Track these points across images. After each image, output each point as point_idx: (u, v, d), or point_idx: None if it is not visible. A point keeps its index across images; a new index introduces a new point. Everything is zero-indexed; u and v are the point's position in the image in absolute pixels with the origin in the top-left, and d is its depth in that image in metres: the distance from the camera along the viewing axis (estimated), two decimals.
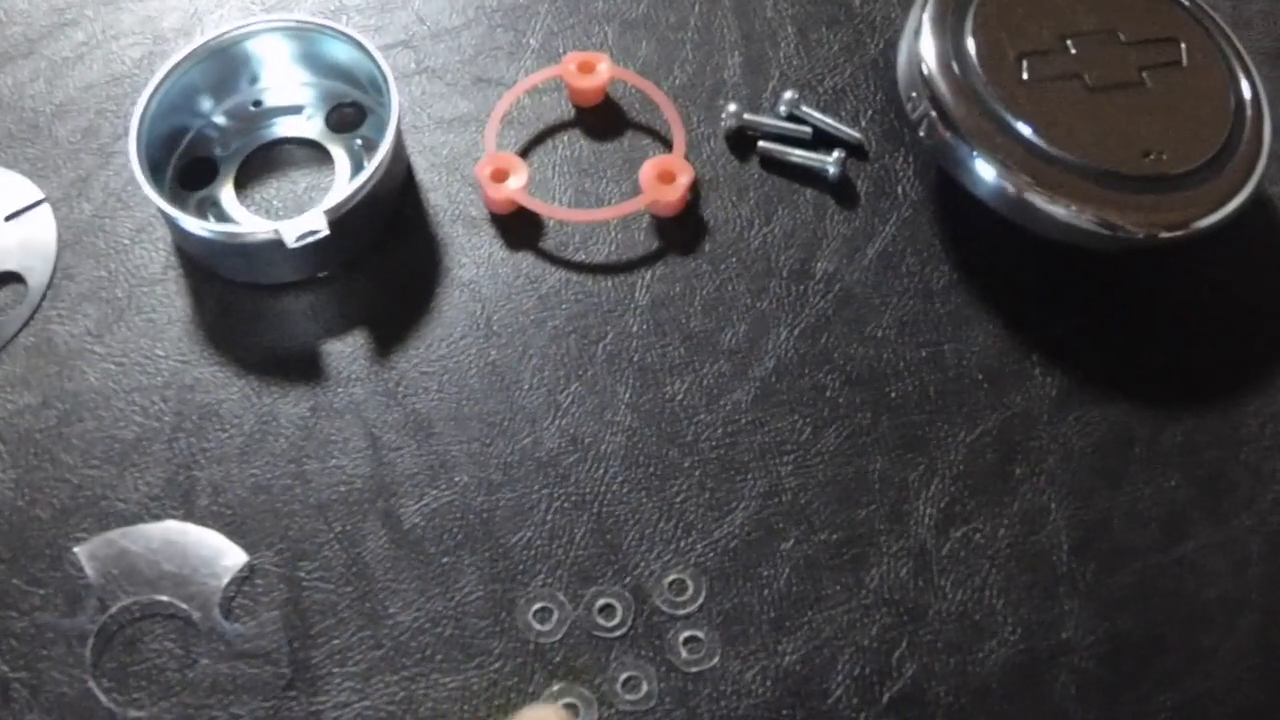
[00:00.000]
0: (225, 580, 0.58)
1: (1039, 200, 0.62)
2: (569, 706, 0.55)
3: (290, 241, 0.62)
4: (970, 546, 0.59)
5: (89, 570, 0.58)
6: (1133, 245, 0.63)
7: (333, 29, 0.68)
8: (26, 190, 0.71)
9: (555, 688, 0.56)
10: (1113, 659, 0.56)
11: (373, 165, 0.64)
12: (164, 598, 0.58)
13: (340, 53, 0.70)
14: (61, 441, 0.62)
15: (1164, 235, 0.62)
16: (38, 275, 0.68)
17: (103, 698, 0.56)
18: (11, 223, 0.69)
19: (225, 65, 0.70)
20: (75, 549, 0.59)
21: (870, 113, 0.72)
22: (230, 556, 0.59)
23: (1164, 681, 0.56)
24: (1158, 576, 0.59)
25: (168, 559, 0.59)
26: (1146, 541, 0.59)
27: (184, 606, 0.58)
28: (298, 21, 0.69)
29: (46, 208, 0.70)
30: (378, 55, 0.67)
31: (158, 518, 0.60)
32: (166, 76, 0.67)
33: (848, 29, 0.75)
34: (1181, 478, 0.61)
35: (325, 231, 0.62)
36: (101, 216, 0.69)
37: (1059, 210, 0.62)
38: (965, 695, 0.55)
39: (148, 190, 0.63)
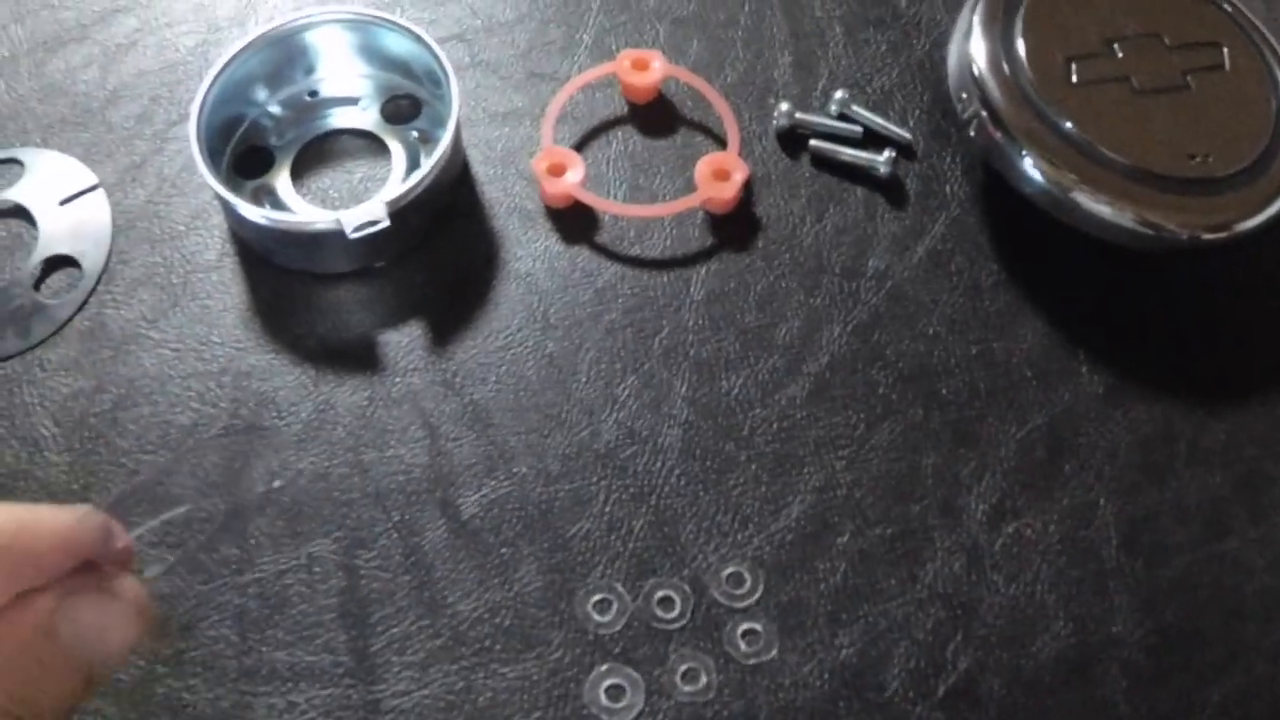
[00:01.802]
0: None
1: (1085, 199, 0.63)
2: (615, 688, 0.56)
3: (350, 231, 0.62)
4: (1021, 541, 0.60)
5: None
6: (1176, 246, 0.64)
7: (393, 22, 0.69)
8: (81, 175, 0.71)
9: (603, 668, 0.56)
10: (1160, 652, 0.57)
11: (434, 158, 0.64)
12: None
13: (398, 45, 0.70)
14: (116, 426, 0.63)
15: (1207, 237, 0.64)
16: (92, 259, 0.68)
17: (158, 685, 0.56)
18: (66, 207, 0.70)
19: (283, 55, 0.71)
20: None
21: (918, 113, 0.73)
22: None
23: (1208, 675, 0.57)
24: (1201, 571, 0.60)
25: None
26: (1190, 537, 0.60)
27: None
28: (358, 14, 0.70)
29: (101, 193, 0.71)
30: (438, 49, 0.67)
31: (215, 504, 0.60)
32: (227, 64, 0.68)
33: (894, 30, 0.76)
34: (1223, 475, 0.62)
35: (386, 222, 0.63)
36: (156, 202, 0.70)
37: (1105, 210, 0.63)
38: (1018, 688, 0.56)
39: (208, 177, 0.63)
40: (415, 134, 0.71)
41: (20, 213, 0.70)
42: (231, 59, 0.68)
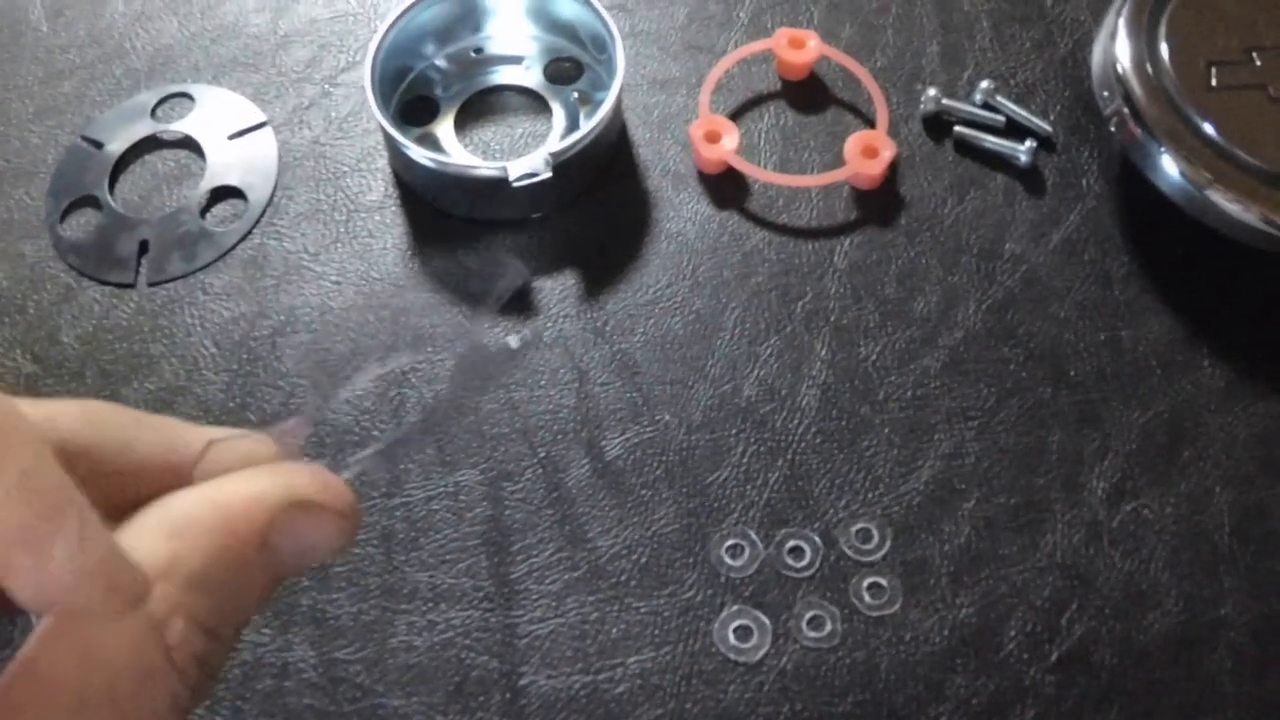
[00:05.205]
0: None
1: (1219, 198, 0.65)
2: (743, 629, 0.58)
3: (513, 180, 0.65)
4: (1139, 520, 0.61)
5: None
6: None
7: None
8: (250, 112, 0.74)
9: (733, 608, 0.59)
10: (1265, 638, 0.59)
11: (597, 117, 0.67)
12: None
13: (567, 10, 0.73)
14: (275, 351, 0.66)
15: None
16: (258, 193, 0.71)
17: (303, 597, 0.59)
18: (234, 141, 0.73)
19: (455, 11, 0.74)
20: None
21: (1058, 107, 0.75)
22: None
23: None
24: None
25: None
26: None
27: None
28: None
29: (269, 130, 0.74)
30: (607, 16, 0.70)
31: (368, 431, 0.63)
32: (401, 15, 0.71)
33: (1039, 27, 0.78)
34: None
35: (547, 174, 0.66)
36: (322, 144, 0.73)
37: (1236, 209, 0.64)
38: (1128, 659, 0.58)
39: (381, 119, 0.66)
40: (575, 95, 0.74)
41: (190, 144, 0.74)
42: (406, 10, 0.71)
